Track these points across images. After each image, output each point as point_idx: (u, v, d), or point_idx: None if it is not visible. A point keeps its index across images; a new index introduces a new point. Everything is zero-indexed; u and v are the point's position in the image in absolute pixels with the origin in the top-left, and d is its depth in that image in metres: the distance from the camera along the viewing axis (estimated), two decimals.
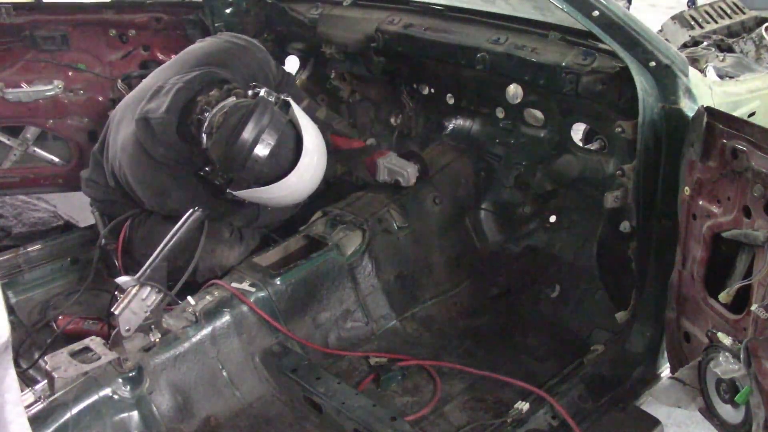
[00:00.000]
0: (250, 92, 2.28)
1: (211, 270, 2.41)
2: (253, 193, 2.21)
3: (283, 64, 3.32)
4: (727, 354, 1.61)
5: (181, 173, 2.36)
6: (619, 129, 2.06)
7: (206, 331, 2.11)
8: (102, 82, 3.11)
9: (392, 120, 3.19)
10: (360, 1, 3.05)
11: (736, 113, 1.87)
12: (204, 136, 2.23)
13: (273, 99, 2.22)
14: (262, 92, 2.24)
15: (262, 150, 2.12)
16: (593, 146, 2.53)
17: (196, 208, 2.16)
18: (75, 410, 1.76)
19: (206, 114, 2.23)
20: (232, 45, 2.61)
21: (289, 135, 2.17)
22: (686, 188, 1.81)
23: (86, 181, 2.72)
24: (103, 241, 2.63)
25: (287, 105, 2.24)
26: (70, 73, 3.05)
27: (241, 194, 2.22)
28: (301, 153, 2.15)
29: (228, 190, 2.23)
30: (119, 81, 3.07)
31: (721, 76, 2.31)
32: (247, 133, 2.10)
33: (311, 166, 2.20)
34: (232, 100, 2.25)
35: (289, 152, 2.16)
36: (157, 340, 1.97)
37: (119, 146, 2.43)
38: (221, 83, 2.35)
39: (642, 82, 1.89)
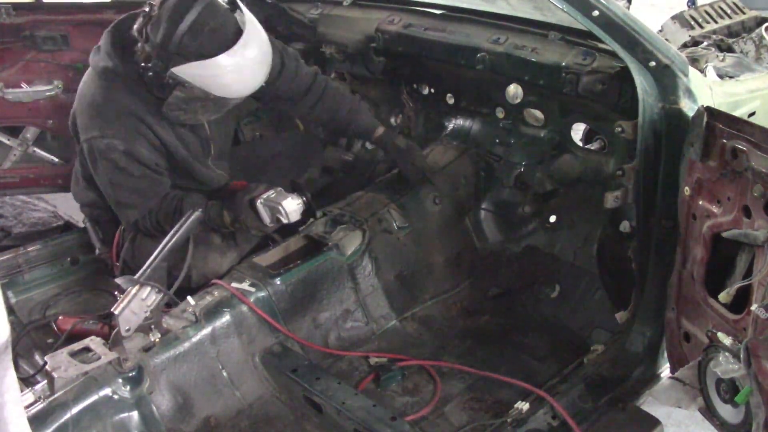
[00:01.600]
0: None
1: (204, 277, 2.39)
2: (189, 68, 2.14)
3: None
4: (727, 354, 1.61)
5: (120, 82, 2.33)
6: (619, 129, 2.06)
7: (206, 331, 2.11)
8: None
9: (392, 120, 3.19)
10: (360, 1, 3.06)
11: (736, 113, 1.87)
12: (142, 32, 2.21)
13: None
14: None
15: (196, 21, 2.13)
16: (593, 146, 2.53)
17: (196, 208, 2.16)
18: (75, 410, 1.75)
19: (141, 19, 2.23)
20: None
21: (230, 19, 2.18)
22: (686, 188, 1.81)
23: (73, 176, 2.69)
24: (97, 251, 2.65)
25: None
26: (70, 73, 3.05)
27: (179, 72, 2.15)
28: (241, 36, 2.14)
29: (170, 70, 2.16)
30: None
31: (721, 76, 2.30)
32: (191, 15, 2.12)
33: (247, 55, 2.17)
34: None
35: (229, 34, 2.15)
36: (157, 340, 1.97)
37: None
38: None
39: (642, 82, 1.89)
